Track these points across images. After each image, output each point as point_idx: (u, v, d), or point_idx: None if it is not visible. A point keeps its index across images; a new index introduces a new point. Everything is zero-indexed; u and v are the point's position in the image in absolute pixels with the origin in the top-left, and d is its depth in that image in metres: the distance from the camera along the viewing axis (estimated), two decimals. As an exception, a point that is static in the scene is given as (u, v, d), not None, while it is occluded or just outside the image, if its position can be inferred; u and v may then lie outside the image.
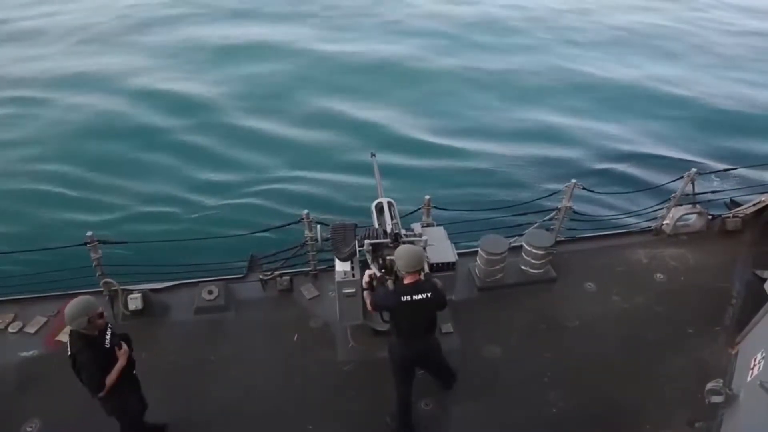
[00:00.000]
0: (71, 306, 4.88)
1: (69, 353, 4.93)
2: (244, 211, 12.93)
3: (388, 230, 6.38)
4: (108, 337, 5.09)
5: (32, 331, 7.44)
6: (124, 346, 5.18)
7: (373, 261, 6.16)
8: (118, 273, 7.65)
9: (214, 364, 7.05)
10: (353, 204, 12.59)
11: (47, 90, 18.54)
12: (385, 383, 6.11)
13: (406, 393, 5.96)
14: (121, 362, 5.08)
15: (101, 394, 4.99)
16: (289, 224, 7.80)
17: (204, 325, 7.59)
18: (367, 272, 6.03)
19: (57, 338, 7.27)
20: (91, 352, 4.89)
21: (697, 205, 9.06)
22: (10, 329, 7.46)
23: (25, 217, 12.82)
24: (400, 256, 5.38)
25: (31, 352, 7.18)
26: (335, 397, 6.62)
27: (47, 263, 8.02)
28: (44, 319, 7.59)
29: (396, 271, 5.51)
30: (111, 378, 5.00)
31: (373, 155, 8.04)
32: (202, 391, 6.68)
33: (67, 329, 6.99)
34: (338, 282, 6.37)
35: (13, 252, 8.84)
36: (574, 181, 8.33)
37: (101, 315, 4.96)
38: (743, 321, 6.82)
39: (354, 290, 6.37)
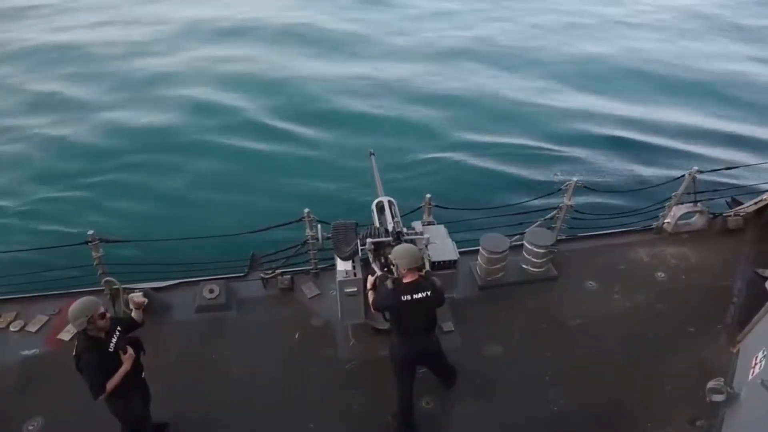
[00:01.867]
0: (72, 306, 4.86)
1: (74, 353, 4.92)
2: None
3: (390, 229, 6.38)
4: (114, 340, 5.04)
5: (34, 329, 7.45)
6: (130, 351, 5.11)
7: (374, 260, 6.15)
8: (119, 272, 7.64)
9: (216, 363, 7.06)
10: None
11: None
12: (386, 382, 6.12)
13: (408, 392, 5.95)
14: (125, 367, 5.04)
15: (101, 397, 4.96)
16: (289, 222, 7.80)
17: (205, 324, 7.60)
18: (370, 277, 6.05)
19: (58, 337, 7.30)
20: (94, 354, 4.86)
21: (699, 204, 9.04)
22: (11, 328, 7.48)
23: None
24: (399, 255, 5.38)
25: (32, 351, 7.19)
26: (336, 396, 6.62)
27: (49, 262, 8.04)
28: (45, 318, 7.60)
29: (395, 271, 5.51)
30: (112, 382, 4.96)
31: (371, 153, 8.02)
32: (204, 390, 6.69)
33: (69, 328, 7.12)
34: (340, 281, 6.37)
35: (14, 251, 8.85)
36: (575, 179, 8.32)
37: (103, 316, 4.90)
38: (744, 320, 6.80)
39: (355, 289, 6.37)
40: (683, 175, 8.63)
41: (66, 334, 7.26)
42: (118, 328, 5.18)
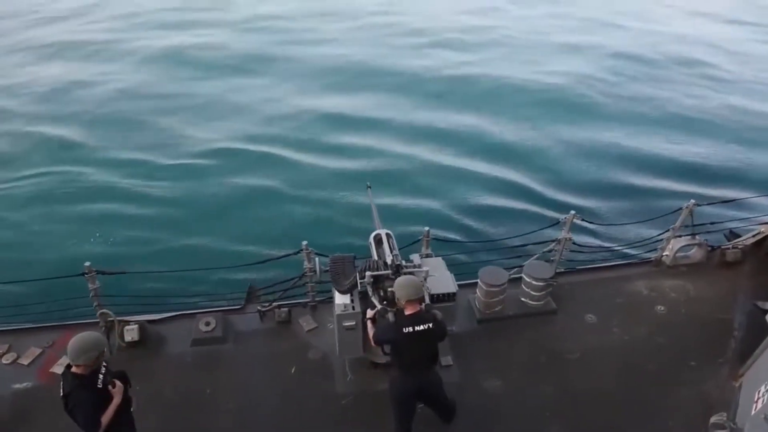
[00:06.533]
0: (82, 339, 4.79)
1: (62, 394, 4.83)
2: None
3: (389, 262, 6.35)
4: (101, 377, 4.97)
5: (26, 362, 7.35)
6: (118, 384, 5.06)
7: (374, 293, 6.11)
8: (114, 304, 7.59)
9: (212, 397, 6.96)
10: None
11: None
12: (383, 417, 6.03)
13: (406, 428, 5.86)
14: (116, 400, 4.98)
15: None
16: (288, 255, 7.78)
17: (201, 357, 7.51)
18: (370, 310, 6.01)
19: (51, 370, 7.18)
20: (84, 392, 4.79)
21: (697, 237, 9.07)
22: (3, 360, 7.37)
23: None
24: (400, 286, 5.35)
25: (24, 384, 7.07)
26: (334, 430, 6.51)
27: (43, 293, 7.97)
28: (39, 351, 7.49)
29: (397, 303, 5.48)
30: (107, 416, 4.89)
31: (368, 186, 8.04)
32: (199, 424, 6.58)
33: (62, 361, 6.98)
34: (338, 315, 6.31)
35: (8, 282, 8.78)
36: (573, 212, 8.34)
37: (103, 353, 4.92)
38: (746, 353, 6.76)
39: (354, 323, 6.31)
40: (681, 208, 8.67)
41: (59, 368, 7.09)
42: (104, 364, 5.11)
